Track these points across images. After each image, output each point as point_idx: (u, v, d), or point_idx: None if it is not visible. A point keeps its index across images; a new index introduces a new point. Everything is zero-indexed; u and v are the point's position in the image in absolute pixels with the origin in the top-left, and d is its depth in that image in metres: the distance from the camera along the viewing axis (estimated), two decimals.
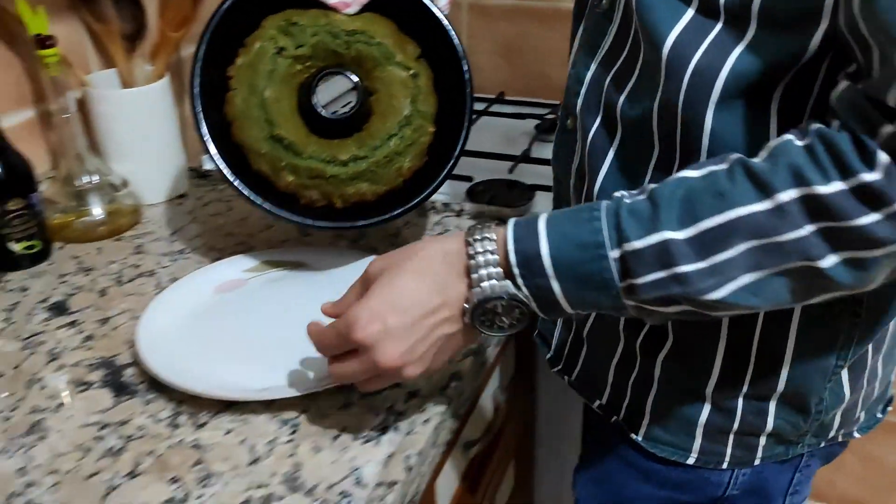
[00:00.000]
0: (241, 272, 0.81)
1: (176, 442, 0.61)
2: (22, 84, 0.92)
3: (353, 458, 0.59)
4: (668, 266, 0.49)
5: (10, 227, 0.83)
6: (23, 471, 0.59)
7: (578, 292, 0.53)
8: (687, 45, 0.54)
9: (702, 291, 0.50)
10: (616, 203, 0.52)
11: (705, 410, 0.65)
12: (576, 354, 0.74)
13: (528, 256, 0.53)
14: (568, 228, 0.52)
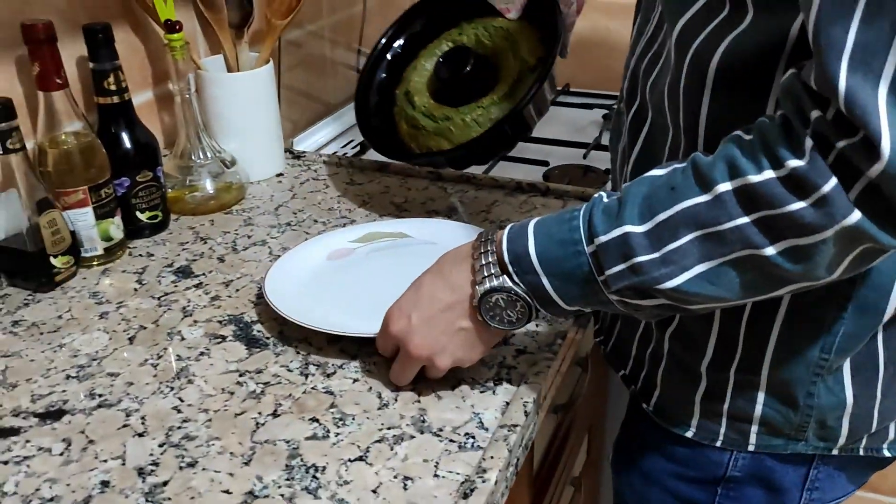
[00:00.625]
0: (349, 242, 0.87)
1: (310, 388, 0.67)
2: (145, 67, 1.00)
3: (474, 405, 0.65)
4: (627, 258, 0.53)
5: (137, 198, 0.90)
6: (177, 409, 0.65)
7: (566, 287, 0.57)
8: (692, 29, 0.58)
9: (658, 280, 0.52)
10: (592, 203, 0.57)
11: (701, 387, 0.68)
12: (612, 327, 0.79)
13: (518, 255, 0.58)
14: (552, 228, 0.58)
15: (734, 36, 0.55)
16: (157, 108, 1.03)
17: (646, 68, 0.66)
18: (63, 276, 0.83)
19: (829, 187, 0.46)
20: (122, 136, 0.88)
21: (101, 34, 0.84)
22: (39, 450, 0.61)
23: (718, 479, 0.71)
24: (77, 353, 0.72)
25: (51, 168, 0.82)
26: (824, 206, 0.46)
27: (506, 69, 0.91)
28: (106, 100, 0.87)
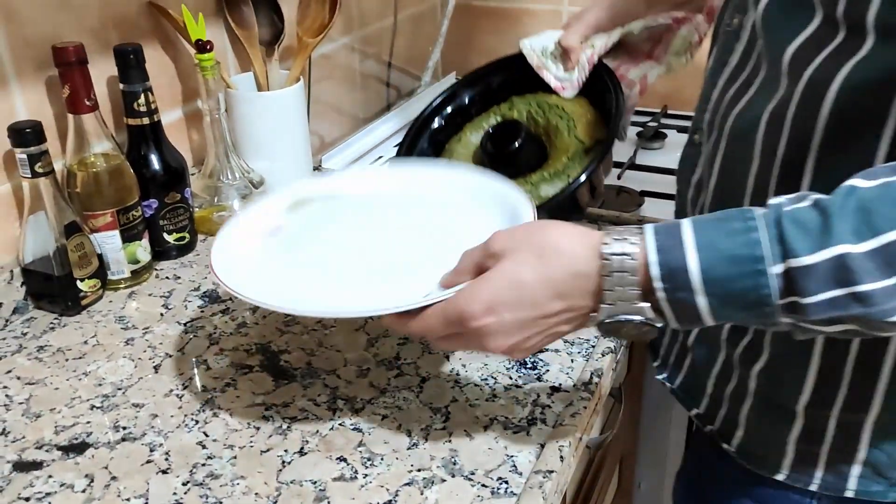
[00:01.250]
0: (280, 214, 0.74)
1: (338, 424, 0.66)
2: (175, 85, 0.99)
3: (507, 447, 0.63)
4: (846, 284, 0.45)
5: (165, 220, 0.89)
6: (202, 444, 0.64)
7: (725, 309, 0.49)
8: (805, 56, 0.55)
9: (887, 313, 0.45)
10: (775, 211, 0.47)
11: (796, 427, 0.65)
12: (680, 363, 0.76)
13: (672, 270, 0.48)
14: (720, 240, 0.48)
15: (854, 64, 0.52)
16: (186, 126, 1.02)
17: (732, 97, 0.63)
18: (89, 300, 0.82)
19: None
20: (151, 157, 0.87)
21: (132, 56, 0.83)
22: (62, 486, 0.60)
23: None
24: (102, 382, 0.71)
25: (79, 190, 0.81)
26: None
27: (558, 147, 0.86)
28: (136, 121, 0.86)
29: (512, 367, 0.72)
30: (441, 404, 0.67)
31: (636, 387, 1.07)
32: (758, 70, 0.61)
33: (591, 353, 0.73)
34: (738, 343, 0.67)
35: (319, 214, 0.74)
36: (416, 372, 0.72)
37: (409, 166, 0.82)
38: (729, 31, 0.66)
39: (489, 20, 1.59)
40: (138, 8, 0.92)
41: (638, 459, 1.15)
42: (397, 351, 0.75)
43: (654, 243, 0.49)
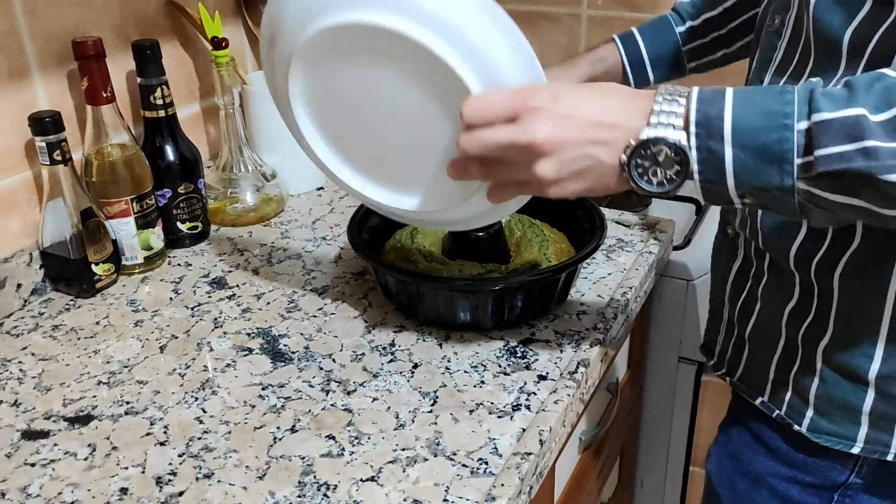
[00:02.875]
0: None
1: (329, 405, 0.68)
2: (192, 81, 1.02)
3: (490, 430, 0.65)
4: (857, 139, 0.49)
5: (178, 209, 0.93)
6: (199, 419, 0.67)
7: (750, 163, 0.51)
8: (864, 36, 0.57)
9: (890, 169, 0.48)
10: (810, 84, 0.52)
11: (869, 397, 0.66)
12: (738, 356, 0.76)
13: (709, 116, 0.52)
14: (757, 97, 0.52)
15: None
16: (203, 120, 1.06)
17: None
18: (104, 283, 0.85)
19: None
20: (166, 148, 0.91)
21: (149, 51, 0.87)
22: (66, 454, 0.63)
23: (838, 485, 0.70)
24: (110, 360, 0.74)
25: (95, 178, 0.85)
26: None
27: (524, 257, 0.82)
28: (152, 113, 0.90)
29: (502, 355, 0.74)
30: (430, 389, 0.70)
31: (637, 384, 1.08)
32: (806, 60, 0.63)
33: (579, 345, 0.75)
34: (800, 325, 0.68)
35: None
36: (408, 358, 0.74)
37: None
38: (771, 31, 0.68)
39: None
40: (157, 6, 0.96)
41: (639, 456, 1.16)
42: (393, 338, 0.77)
43: (697, 94, 0.53)
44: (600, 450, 0.95)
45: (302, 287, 0.86)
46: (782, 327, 0.70)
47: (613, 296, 0.83)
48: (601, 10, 1.51)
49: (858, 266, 0.63)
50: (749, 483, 0.75)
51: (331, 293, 0.85)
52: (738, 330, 0.76)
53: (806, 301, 0.67)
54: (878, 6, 0.56)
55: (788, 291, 0.68)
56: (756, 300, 0.72)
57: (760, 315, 0.72)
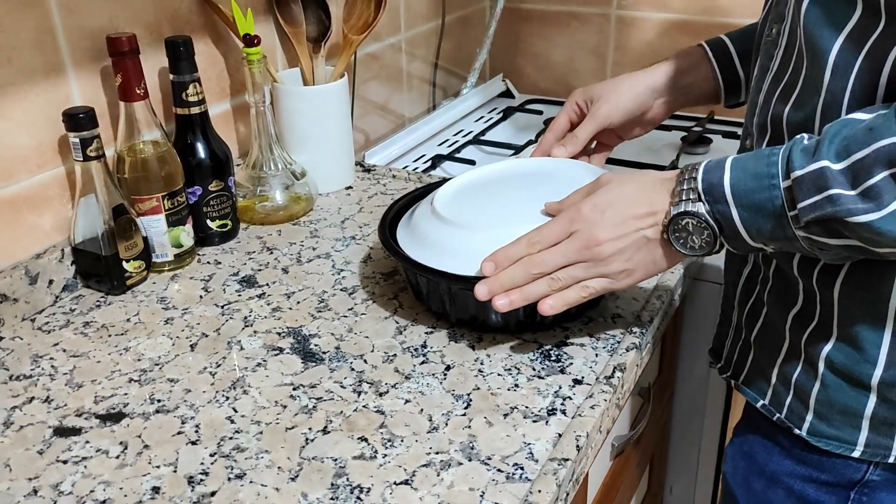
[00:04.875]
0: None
1: (361, 406, 0.67)
2: (223, 79, 1.02)
3: (525, 435, 0.64)
4: (823, 189, 0.55)
5: (208, 206, 0.92)
6: (230, 419, 0.66)
7: (754, 220, 0.60)
8: (851, 49, 0.59)
9: (852, 212, 0.54)
10: (793, 142, 0.59)
11: (871, 402, 0.66)
12: (744, 359, 0.76)
13: (712, 184, 0.61)
14: (749, 163, 0.60)
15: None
16: (233, 118, 1.05)
17: (779, 99, 0.67)
18: (134, 280, 0.85)
19: None
20: (198, 146, 0.91)
21: (182, 47, 0.87)
22: (97, 451, 0.63)
23: (854, 483, 0.69)
24: (141, 357, 0.74)
25: (127, 175, 0.85)
26: None
27: None
28: (184, 110, 0.89)
29: (536, 358, 0.73)
30: (463, 392, 0.69)
31: (667, 389, 1.06)
32: (799, 70, 0.64)
33: (615, 349, 0.74)
34: (803, 330, 0.68)
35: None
36: (441, 360, 0.73)
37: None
38: (769, 41, 0.70)
39: (537, 24, 1.60)
40: (190, 3, 0.95)
41: (668, 462, 1.15)
42: (424, 339, 0.76)
43: (703, 167, 0.63)
44: (631, 455, 0.94)
45: (332, 287, 0.86)
46: (786, 332, 0.70)
47: (649, 299, 0.81)
48: (630, 11, 1.50)
49: (859, 276, 0.64)
50: (765, 483, 0.75)
51: (361, 293, 0.84)
52: (744, 334, 0.76)
53: (809, 307, 0.67)
54: (866, 18, 0.58)
55: (793, 297, 0.69)
56: (763, 305, 0.72)
57: (766, 319, 0.72)
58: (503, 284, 0.67)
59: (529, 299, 0.67)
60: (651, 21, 1.49)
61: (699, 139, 1.34)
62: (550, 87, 1.62)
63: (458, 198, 0.80)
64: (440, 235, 0.75)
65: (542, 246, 0.67)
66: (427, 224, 0.77)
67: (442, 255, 0.73)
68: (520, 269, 0.67)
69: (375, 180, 1.13)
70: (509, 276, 0.67)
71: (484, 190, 0.82)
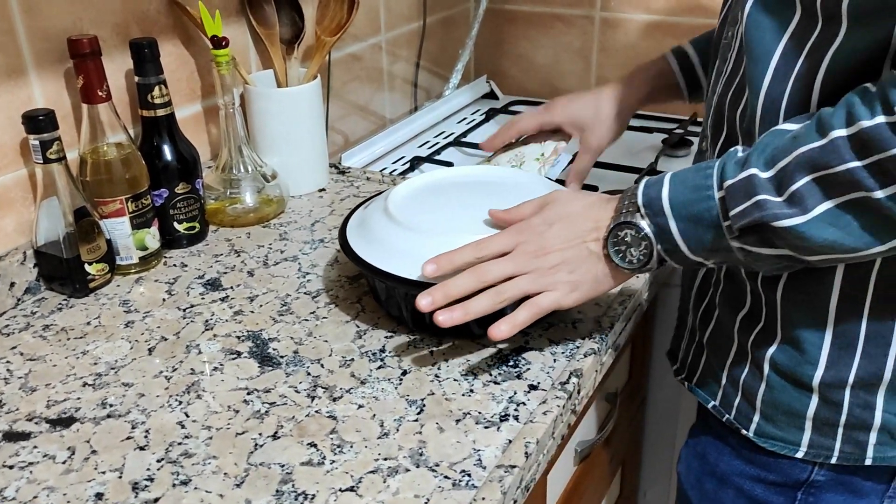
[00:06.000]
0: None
1: (314, 411, 0.67)
2: (193, 81, 1.02)
3: (476, 441, 0.63)
4: (751, 195, 0.57)
5: (175, 209, 0.92)
6: (181, 424, 0.66)
7: (692, 231, 0.61)
8: (792, 53, 0.60)
9: (778, 217, 0.55)
10: (727, 154, 0.60)
11: (813, 403, 0.67)
12: (697, 361, 0.77)
13: (651, 197, 0.62)
14: (687, 176, 0.62)
15: (833, 52, 0.57)
16: (205, 120, 1.05)
17: (731, 101, 0.68)
18: (97, 283, 0.85)
19: None
20: (164, 148, 0.90)
21: (146, 49, 0.86)
22: (44, 457, 0.63)
23: (800, 483, 0.70)
24: (97, 361, 0.74)
25: (90, 177, 0.84)
26: None
27: None
28: (149, 113, 0.89)
29: (493, 363, 0.72)
30: (418, 397, 0.68)
31: (639, 393, 1.06)
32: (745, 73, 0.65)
33: (574, 354, 0.73)
34: (750, 331, 0.69)
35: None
36: (398, 365, 0.73)
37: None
38: (725, 44, 0.71)
39: (521, 25, 1.59)
40: (159, 4, 0.95)
41: (642, 467, 1.14)
42: (383, 344, 0.76)
43: (643, 182, 0.64)
44: (599, 460, 0.93)
45: (296, 290, 0.85)
46: (735, 334, 0.70)
47: (611, 305, 0.81)
48: (614, 13, 1.49)
49: (800, 279, 0.64)
50: (716, 483, 0.75)
51: (324, 297, 0.84)
52: (698, 336, 0.76)
53: (756, 309, 0.68)
54: (805, 21, 0.58)
55: (741, 300, 0.69)
56: (715, 307, 0.73)
57: (717, 322, 0.73)
58: (448, 294, 0.66)
59: (471, 316, 0.66)
60: (635, 22, 1.48)
61: (680, 141, 1.33)
62: (535, 89, 1.62)
63: (413, 200, 0.80)
64: (391, 237, 0.74)
65: (489, 253, 0.67)
66: (379, 224, 0.76)
67: (394, 258, 0.73)
68: (467, 278, 0.66)
69: (349, 182, 1.12)
70: (455, 284, 0.66)
71: (441, 194, 0.81)
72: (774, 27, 0.61)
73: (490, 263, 0.67)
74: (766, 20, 0.61)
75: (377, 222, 0.77)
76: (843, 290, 0.63)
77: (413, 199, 0.80)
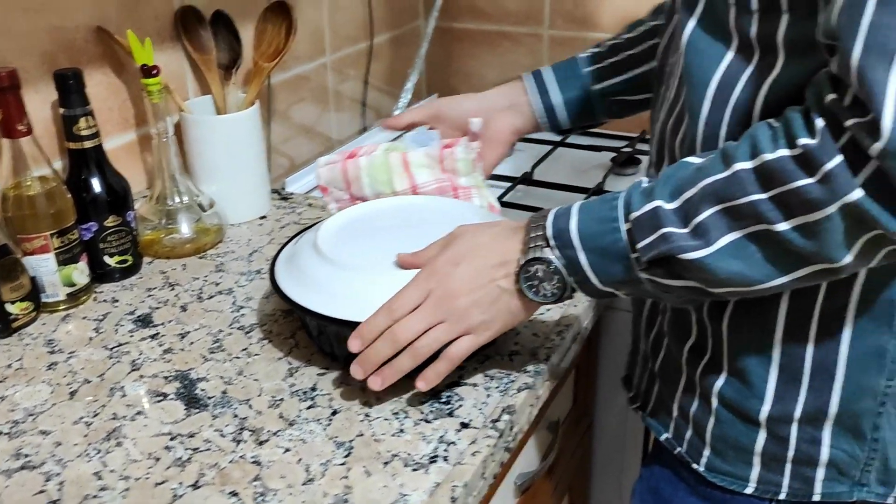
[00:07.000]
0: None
1: (238, 457, 0.65)
2: (126, 109, 1.00)
3: (403, 485, 0.62)
4: (657, 228, 0.57)
5: (105, 242, 0.89)
6: (98, 475, 0.64)
7: (601, 263, 0.60)
8: (728, 82, 0.60)
9: (684, 249, 0.55)
10: (633, 185, 0.60)
11: (761, 437, 0.66)
12: (650, 390, 0.76)
13: (560, 229, 0.62)
14: (594, 207, 0.61)
15: (771, 82, 0.58)
16: (139, 148, 1.03)
17: (672, 128, 0.68)
18: (21, 323, 0.82)
19: (832, 164, 0.49)
20: (92, 181, 0.88)
21: (71, 80, 0.84)
22: None
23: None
24: (15, 408, 0.71)
25: (12, 213, 0.82)
26: (828, 182, 0.49)
27: None
28: (76, 144, 0.87)
29: (425, 401, 0.71)
30: (346, 438, 0.67)
31: (584, 419, 1.05)
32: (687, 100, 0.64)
33: (507, 389, 0.72)
34: (698, 363, 0.69)
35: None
36: (329, 404, 0.71)
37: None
38: (666, 71, 0.71)
39: (471, 43, 1.59)
40: (86, 33, 0.93)
41: (592, 493, 1.13)
42: (315, 381, 0.74)
43: (552, 214, 0.63)
44: (542, 490, 0.92)
45: (229, 325, 0.83)
46: (683, 365, 0.70)
47: (549, 335, 0.80)
48: (562, 31, 1.49)
49: (745, 310, 0.64)
50: None
51: (258, 332, 0.82)
52: (650, 364, 0.76)
53: (702, 340, 0.68)
54: (742, 51, 0.59)
55: (687, 329, 0.69)
56: (664, 335, 0.72)
57: (667, 351, 0.72)
58: (372, 363, 0.66)
59: (400, 374, 0.67)
60: (582, 40, 1.48)
61: (629, 159, 1.33)
62: None
63: (343, 233, 0.78)
64: (320, 274, 0.73)
65: (402, 312, 0.66)
66: (308, 261, 0.75)
67: (323, 295, 0.71)
68: (384, 345, 0.66)
69: (291, 209, 1.10)
70: (376, 352, 0.66)
71: (372, 226, 0.80)
72: (712, 55, 0.61)
73: (403, 323, 0.65)
74: (704, 48, 0.61)
75: (307, 259, 0.75)
76: (787, 323, 0.63)
77: (343, 233, 0.79)
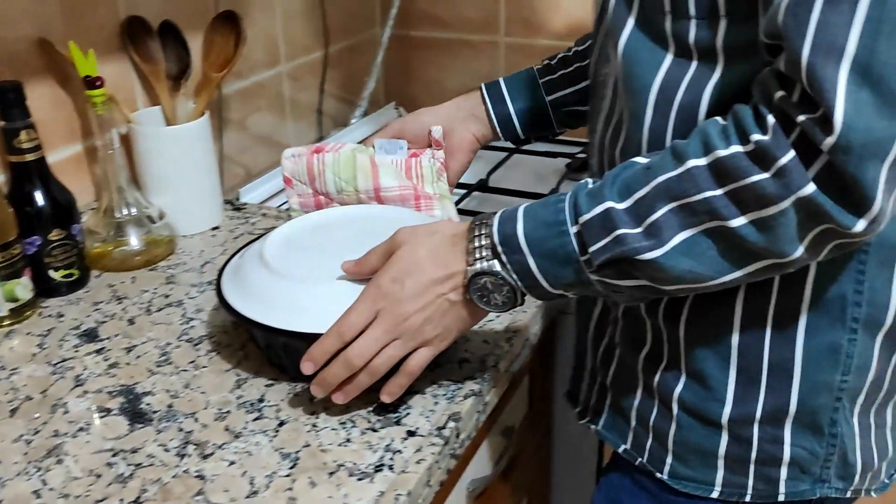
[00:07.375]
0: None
1: (182, 471, 0.64)
2: (72, 121, 0.98)
3: (347, 495, 0.61)
4: (610, 230, 0.56)
5: (50, 256, 0.88)
6: (37, 493, 0.62)
7: (551, 267, 0.60)
8: (670, 86, 0.60)
9: (639, 251, 0.55)
10: (578, 187, 0.60)
11: (723, 440, 0.66)
12: (602, 403, 0.76)
13: (507, 235, 0.61)
14: (539, 211, 0.60)
15: (714, 84, 0.58)
16: (86, 161, 1.01)
17: (611, 139, 0.68)
18: None
19: (786, 159, 0.50)
20: (35, 194, 0.86)
21: (10, 93, 0.83)
22: None
23: None
24: None
25: None
26: (782, 177, 0.50)
27: None
28: (17, 158, 0.85)
29: (373, 409, 0.71)
30: (292, 449, 0.66)
31: (541, 424, 1.05)
32: (623, 110, 0.65)
33: (454, 396, 0.72)
34: (655, 370, 0.68)
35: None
36: (276, 415, 0.70)
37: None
38: (599, 81, 0.70)
39: (429, 51, 1.59)
40: (29, 45, 0.92)
41: (552, 496, 1.13)
42: (263, 393, 0.73)
43: (498, 219, 0.62)
44: (497, 494, 0.92)
45: (177, 338, 0.82)
46: (639, 373, 0.70)
47: (498, 342, 0.80)
48: (518, 38, 1.50)
49: (701, 313, 0.64)
50: None
51: (206, 344, 0.81)
52: (600, 377, 0.75)
53: (658, 347, 0.67)
54: (680, 57, 0.59)
55: (642, 337, 0.68)
56: (615, 346, 0.72)
57: (619, 361, 0.72)
58: (329, 385, 0.66)
59: (361, 389, 0.67)
60: (538, 47, 1.49)
61: (583, 165, 1.34)
62: None
63: (291, 244, 0.78)
64: (267, 285, 0.72)
65: (351, 334, 0.65)
66: (255, 273, 0.74)
67: (270, 307, 0.71)
68: (339, 367, 0.65)
69: (244, 219, 1.10)
70: (332, 374, 0.66)
71: (320, 236, 0.80)
72: (650, 62, 0.61)
73: (356, 347, 0.65)
74: (641, 55, 0.61)
75: (253, 270, 0.75)
76: (743, 324, 0.63)
77: (290, 244, 0.78)
